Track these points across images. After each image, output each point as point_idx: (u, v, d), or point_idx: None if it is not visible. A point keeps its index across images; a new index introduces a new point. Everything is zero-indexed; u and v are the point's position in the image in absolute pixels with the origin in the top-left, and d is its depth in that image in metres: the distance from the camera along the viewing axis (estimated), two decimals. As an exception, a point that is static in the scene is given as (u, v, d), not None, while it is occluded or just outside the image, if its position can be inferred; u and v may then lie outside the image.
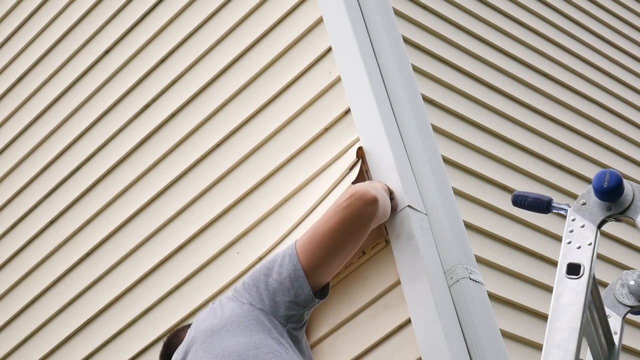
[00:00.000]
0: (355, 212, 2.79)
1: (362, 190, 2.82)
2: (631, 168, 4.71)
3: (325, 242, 2.74)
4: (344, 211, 2.76)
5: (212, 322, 2.75)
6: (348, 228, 2.77)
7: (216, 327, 2.71)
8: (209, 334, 2.71)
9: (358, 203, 2.78)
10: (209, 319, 2.78)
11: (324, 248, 2.74)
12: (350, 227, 2.78)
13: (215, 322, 2.74)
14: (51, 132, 4.77)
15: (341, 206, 2.77)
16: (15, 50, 5.20)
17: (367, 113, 3.41)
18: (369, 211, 2.81)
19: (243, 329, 2.66)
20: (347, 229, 2.77)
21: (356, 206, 2.78)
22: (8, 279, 4.69)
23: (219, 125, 3.96)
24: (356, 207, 2.78)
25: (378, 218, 2.91)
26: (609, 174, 2.53)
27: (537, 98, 4.36)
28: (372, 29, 3.60)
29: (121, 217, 4.24)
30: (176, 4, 4.37)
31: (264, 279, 2.75)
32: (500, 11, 4.55)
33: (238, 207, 3.77)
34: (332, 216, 2.77)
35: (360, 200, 2.79)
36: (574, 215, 2.56)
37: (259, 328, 2.67)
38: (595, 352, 2.71)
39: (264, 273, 2.77)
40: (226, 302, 2.80)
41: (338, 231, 2.76)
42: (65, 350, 4.29)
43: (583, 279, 2.46)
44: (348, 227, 2.77)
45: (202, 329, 2.76)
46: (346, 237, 2.78)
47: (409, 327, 3.05)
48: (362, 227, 2.81)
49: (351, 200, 2.78)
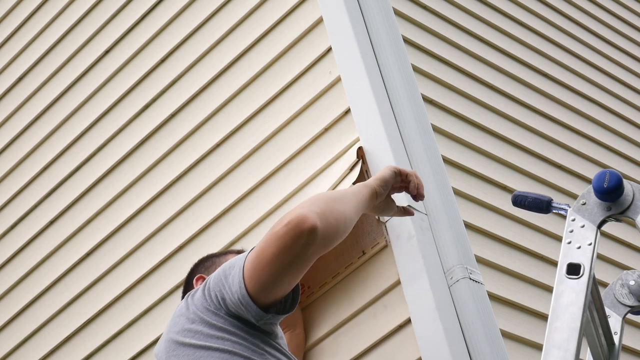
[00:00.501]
0: (288, 244, 2.50)
1: (298, 218, 2.51)
2: (631, 168, 4.71)
3: (267, 268, 2.52)
4: (278, 241, 2.50)
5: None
6: (285, 258, 2.52)
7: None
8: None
9: (292, 233, 2.49)
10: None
11: (267, 273, 2.53)
12: (287, 258, 2.52)
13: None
14: (51, 132, 4.77)
15: (277, 234, 2.51)
16: (15, 50, 5.21)
17: (367, 113, 3.41)
18: (303, 243, 2.50)
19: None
20: (285, 259, 2.52)
21: (289, 237, 2.50)
22: (8, 279, 4.69)
23: (219, 125, 3.96)
24: (289, 239, 2.50)
25: (324, 245, 2.57)
26: (609, 174, 2.53)
27: (537, 98, 4.36)
28: (372, 29, 3.61)
29: (121, 217, 4.24)
30: (176, 4, 4.38)
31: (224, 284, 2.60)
32: (500, 11, 4.55)
33: (238, 207, 3.77)
34: (270, 245, 2.52)
35: (294, 230, 2.49)
36: (574, 215, 2.56)
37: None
38: (595, 352, 2.71)
39: (223, 280, 2.61)
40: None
41: (277, 259, 2.52)
42: (65, 350, 4.29)
43: (583, 279, 2.46)
44: (285, 257, 2.52)
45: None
46: (286, 265, 2.54)
47: (409, 327, 3.05)
48: (300, 258, 2.54)
49: (286, 229, 2.50)
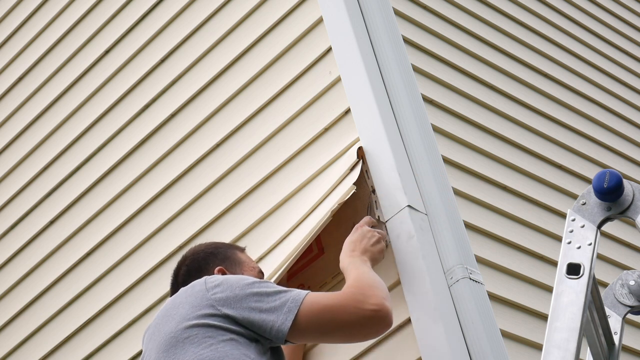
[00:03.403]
0: (366, 327, 2.62)
1: (389, 313, 2.62)
2: (631, 168, 4.71)
3: (328, 326, 2.61)
4: (360, 319, 2.59)
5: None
6: (352, 331, 2.63)
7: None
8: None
9: (378, 324, 2.61)
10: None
11: (324, 329, 2.61)
12: (353, 332, 2.63)
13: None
14: (51, 132, 4.77)
15: (364, 311, 2.59)
16: (15, 50, 5.21)
17: (367, 113, 3.41)
18: (374, 333, 2.66)
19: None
20: (351, 332, 2.63)
21: (373, 324, 2.62)
22: (8, 279, 4.69)
23: (219, 125, 3.96)
24: (372, 325, 2.62)
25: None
26: (609, 174, 2.53)
27: (537, 98, 4.36)
28: (372, 29, 3.60)
29: (121, 217, 4.24)
30: (176, 4, 4.37)
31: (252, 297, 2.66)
32: (500, 11, 4.55)
33: (238, 207, 3.76)
34: (349, 313, 2.60)
35: (382, 323, 2.61)
36: (574, 215, 2.56)
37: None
38: (595, 352, 2.71)
39: (255, 297, 2.66)
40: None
41: (345, 328, 2.61)
42: (65, 350, 4.29)
43: (583, 279, 2.46)
44: (353, 331, 2.63)
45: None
46: (346, 335, 2.66)
47: (409, 327, 3.05)
48: (358, 338, 2.70)
49: (375, 315, 2.60)
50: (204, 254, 2.98)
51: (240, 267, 2.96)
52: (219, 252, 2.99)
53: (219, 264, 2.94)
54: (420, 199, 3.24)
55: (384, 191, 3.26)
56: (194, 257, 2.98)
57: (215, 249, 3.01)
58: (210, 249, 3.01)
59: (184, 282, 2.86)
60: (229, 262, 2.96)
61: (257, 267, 3.02)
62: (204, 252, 2.99)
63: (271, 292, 2.65)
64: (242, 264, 2.98)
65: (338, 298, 2.63)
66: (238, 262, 2.98)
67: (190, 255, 3.00)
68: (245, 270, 2.96)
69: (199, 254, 2.99)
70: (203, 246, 3.04)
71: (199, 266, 2.94)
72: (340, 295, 2.65)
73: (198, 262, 2.96)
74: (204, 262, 2.95)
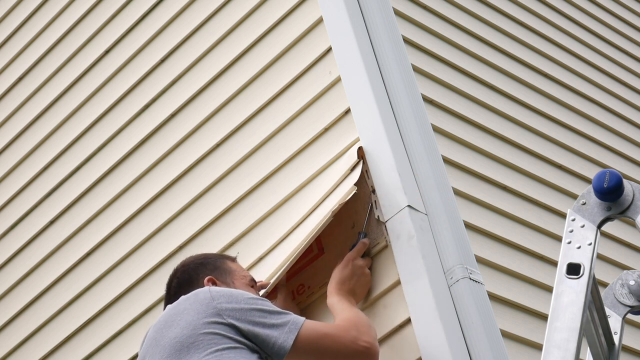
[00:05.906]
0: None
1: (378, 355, 2.87)
2: (631, 168, 4.71)
3: (322, 352, 2.80)
4: (351, 352, 2.82)
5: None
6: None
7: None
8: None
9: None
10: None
11: (317, 353, 2.80)
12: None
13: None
14: (51, 132, 4.77)
15: (357, 346, 2.82)
16: (15, 50, 5.21)
17: (367, 113, 3.41)
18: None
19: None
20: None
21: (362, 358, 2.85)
22: (8, 279, 4.69)
23: (219, 125, 3.96)
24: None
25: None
26: (609, 174, 2.53)
27: (537, 98, 4.36)
28: (372, 29, 3.60)
29: (121, 217, 4.24)
30: (176, 4, 4.38)
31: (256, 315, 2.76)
32: (500, 11, 4.55)
33: (238, 207, 3.77)
34: (347, 346, 2.82)
35: (372, 357, 2.85)
36: (574, 215, 2.56)
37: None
38: (595, 352, 2.71)
39: (259, 314, 2.77)
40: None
41: (339, 357, 2.83)
42: (65, 350, 4.29)
43: (583, 279, 2.46)
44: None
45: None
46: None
47: (409, 327, 3.05)
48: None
49: (366, 351, 2.83)
50: (193, 265, 3.06)
51: (230, 276, 3.04)
52: (208, 262, 3.07)
53: (208, 273, 3.01)
54: (420, 199, 3.24)
55: (384, 191, 3.26)
56: (184, 269, 3.06)
57: (205, 259, 3.09)
58: (199, 260, 3.08)
59: (176, 295, 2.94)
60: (219, 271, 3.03)
61: (249, 276, 3.09)
62: (194, 263, 3.06)
63: (273, 311, 2.77)
64: (233, 272, 3.06)
65: (337, 329, 2.84)
66: (228, 271, 3.05)
67: (181, 268, 3.08)
68: (235, 279, 3.04)
69: (189, 265, 3.07)
70: (193, 258, 3.12)
71: (189, 277, 3.02)
72: (337, 326, 2.86)
73: (188, 273, 3.04)
74: (194, 273, 3.03)
